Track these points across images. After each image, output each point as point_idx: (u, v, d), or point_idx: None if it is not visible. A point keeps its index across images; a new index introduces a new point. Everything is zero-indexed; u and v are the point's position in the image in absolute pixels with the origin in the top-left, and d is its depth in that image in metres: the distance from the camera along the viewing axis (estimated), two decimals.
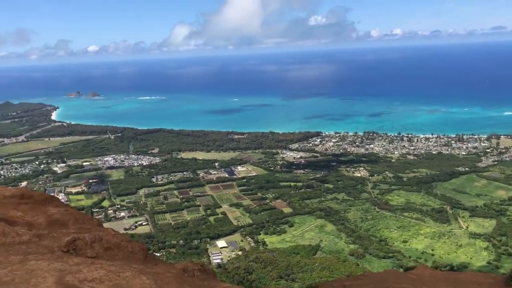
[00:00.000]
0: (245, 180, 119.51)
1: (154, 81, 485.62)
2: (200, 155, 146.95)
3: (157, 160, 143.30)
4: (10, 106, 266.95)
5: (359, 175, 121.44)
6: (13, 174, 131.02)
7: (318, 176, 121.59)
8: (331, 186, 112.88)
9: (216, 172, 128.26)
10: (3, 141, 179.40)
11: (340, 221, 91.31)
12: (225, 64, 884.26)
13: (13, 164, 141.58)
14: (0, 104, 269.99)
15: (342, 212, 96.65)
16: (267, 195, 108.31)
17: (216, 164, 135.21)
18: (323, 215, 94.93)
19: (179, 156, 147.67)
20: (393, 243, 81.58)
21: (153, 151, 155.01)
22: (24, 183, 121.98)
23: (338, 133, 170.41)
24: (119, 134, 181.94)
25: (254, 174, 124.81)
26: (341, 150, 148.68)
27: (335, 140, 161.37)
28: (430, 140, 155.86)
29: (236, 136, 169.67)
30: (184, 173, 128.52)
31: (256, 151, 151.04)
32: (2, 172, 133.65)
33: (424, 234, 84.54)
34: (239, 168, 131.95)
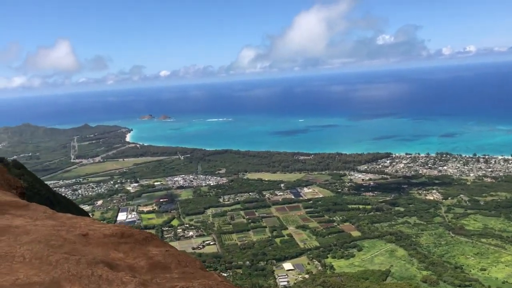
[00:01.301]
0: (311, 202, 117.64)
1: (221, 103, 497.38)
2: (266, 176, 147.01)
3: (224, 180, 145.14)
4: (88, 129, 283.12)
5: (431, 198, 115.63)
6: (90, 193, 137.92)
7: (388, 198, 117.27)
8: (402, 209, 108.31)
9: (282, 193, 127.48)
10: (82, 161, 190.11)
11: (412, 246, 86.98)
12: (291, 85, 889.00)
13: (90, 184, 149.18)
14: (79, 127, 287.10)
15: (414, 236, 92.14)
16: (334, 218, 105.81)
17: (282, 185, 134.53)
18: (393, 239, 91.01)
19: (245, 177, 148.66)
20: (470, 271, 76.12)
21: (220, 171, 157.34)
22: (100, 202, 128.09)
23: (409, 154, 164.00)
24: (188, 155, 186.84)
25: (320, 196, 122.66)
26: (412, 172, 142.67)
27: (405, 162, 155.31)
28: (510, 162, 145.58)
29: (302, 157, 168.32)
30: (250, 193, 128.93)
31: (323, 172, 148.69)
32: (80, 191, 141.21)
33: (505, 262, 78.19)
34: (305, 189, 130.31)
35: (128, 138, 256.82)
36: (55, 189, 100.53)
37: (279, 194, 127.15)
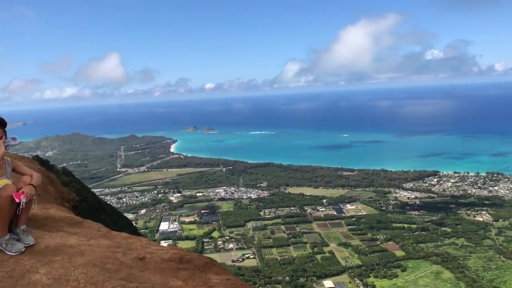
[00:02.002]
0: (354, 219, 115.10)
1: (264, 117, 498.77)
2: (308, 191, 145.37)
3: (265, 194, 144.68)
4: (135, 139, 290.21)
5: (481, 219, 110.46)
6: (134, 202, 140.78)
7: (434, 218, 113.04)
8: (449, 230, 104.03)
9: (323, 209, 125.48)
10: (127, 170, 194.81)
11: (459, 269, 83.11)
12: (335, 99, 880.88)
13: (135, 193, 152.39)
14: (126, 136, 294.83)
15: (461, 259, 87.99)
16: (378, 236, 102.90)
17: (324, 200, 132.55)
18: (439, 260, 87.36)
19: (286, 191, 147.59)
20: None
21: (262, 184, 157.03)
22: (143, 211, 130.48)
23: (458, 173, 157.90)
24: (230, 167, 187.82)
25: (364, 213, 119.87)
26: (460, 192, 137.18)
27: (454, 181, 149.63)
28: None
29: (345, 173, 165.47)
30: (291, 208, 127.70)
31: (367, 189, 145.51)
32: (124, 199, 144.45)
33: None
34: (348, 206, 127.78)
35: (173, 149, 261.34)
36: (101, 196, 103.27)
37: (321, 209, 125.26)
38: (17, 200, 5.19)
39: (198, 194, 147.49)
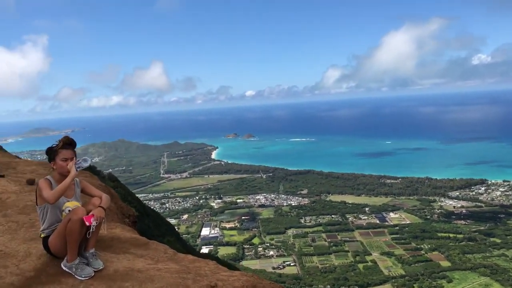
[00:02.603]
0: (397, 228, 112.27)
1: (305, 123, 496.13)
2: (350, 199, 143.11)
3: (305, 201, 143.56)
4: (177, 146, 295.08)
5: None
6: (176, 207, 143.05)
7: (482, 228, 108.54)
8: (498, 240, 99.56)
9: (366, 217, 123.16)
10: (170, 176, 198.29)
11: (510, 281, 79.28)
12: (378, 106, 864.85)
13: (177, 198, 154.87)
14: (169, 143, 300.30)
15: None
16: (422, 246, 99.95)
17: (366, 209, 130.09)
18: (488, 272, 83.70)
19: (327, 199, 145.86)
20: None
21: (302, 192, 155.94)
22: (185, 216, 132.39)
23: (507, 181, 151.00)
24: (271, 174, 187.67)
25: (408, 222, 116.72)
26: (510, 201, 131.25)
27: (503, 189, 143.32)
28: None
29: (388, 181, 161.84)
30: (333, 216, 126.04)
31: (411, 197, 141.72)
32: (167, 205, 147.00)
33: None
34: (391, 214, 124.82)
35: (214, 155, 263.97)
36: (145, 202, 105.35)
37: (363, 218, 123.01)
38: (87, 224, 5.14)
39: (238, 201, 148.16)
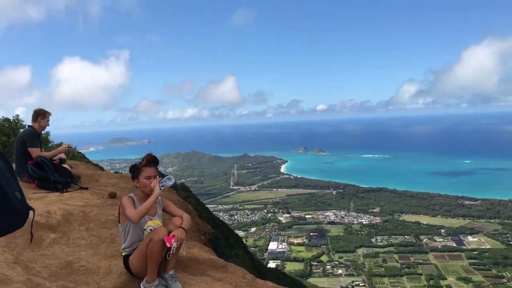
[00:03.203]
0: (476, 252, 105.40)
1: (378, 139, 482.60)
2: (424, 219, 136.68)
3: (377, 220, 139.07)
4: (247, 158, 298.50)
5: None
6: (245, 220, 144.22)
7: None
8: None
9: (441, 240, 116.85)
10: (239, 188, 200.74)
11: None
12: (456, 122, 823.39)
13: (245, 211, 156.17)
14: (239, 156, 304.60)
15: None
16: (504, 273, 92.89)
17: (442, 231, 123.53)
18: None
19: (400, 218, 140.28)
20: None
21: (374, 210, 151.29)
22: (253, 229, 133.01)
23: None
24: (341, 190, 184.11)
25: (488, 247, 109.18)
26: None
27: None
28: None
29: (466, 202, 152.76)
30: (406, 236, 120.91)
31: (491, 220, 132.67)
32: (236, 216, 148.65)
33: None
34: (470, 238, 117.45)
35: (283, 169, 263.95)
36: (214, 212, 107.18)
37: (438, 240, 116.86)
38: (168, 245, 5.07)
39: (307, 216, 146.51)
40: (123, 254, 5.60)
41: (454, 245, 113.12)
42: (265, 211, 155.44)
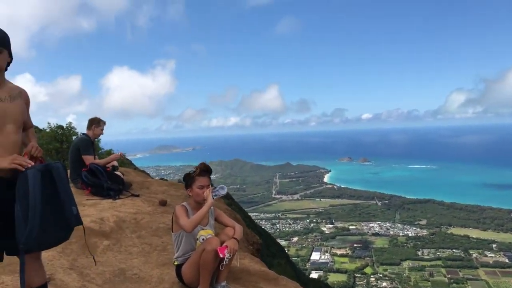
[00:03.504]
0: None
1: (425, 149, 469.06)
2: (474, 233, 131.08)
3: (424, 232, 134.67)
4: (289, 167, 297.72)
5: None
6: (287, 229, 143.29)
7: None
8: None
9: (493, 255, 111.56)
10: (281, 197, 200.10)
11: None
12: (510, 133, 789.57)
13: (288, 220, 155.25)
14: (281, 164, 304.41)
15: None
16: None
17: (494, 245, 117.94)
18: None
19: (448, 231, 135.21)
20: None
21: (420, 222, 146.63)
22: (295, 239, 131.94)
23: None
24: (386, 201, 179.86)
25: None
26: None
27: None
28: None
29: None
30: (454, 250, 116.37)
31: None
32: (278, 226, 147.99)
33: None
34: None
35: (326, 178, 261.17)
36: (256, 221, 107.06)
37: (489, 255, 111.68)
38: (221, 255, 5.01)
39: (351, 227, 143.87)
40: (175, 263, 5.56)
41: (507, 261, 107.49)
42: (308, 220, 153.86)
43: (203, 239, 5.34)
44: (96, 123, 10.59)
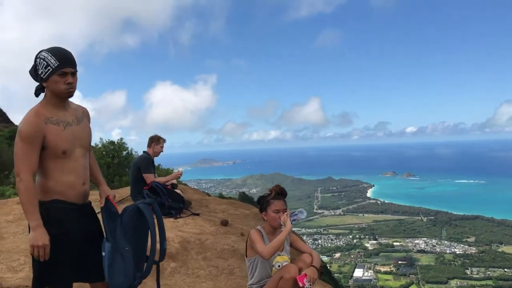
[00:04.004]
0: None
1: (473, 164, 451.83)
2: None
3: (472, 250, 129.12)
4: (331, 181, 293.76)
5: None
6: (329, 245, 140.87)
7: None
8: None
9: None
10: (323, 212, 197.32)
11: None
12: None
13: (330, 235, 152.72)
14: (323, 179, 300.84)
15: None
16: None
17: None
18: None
19: (499, 250, 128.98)
20: None
21: (469, 239, 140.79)
22: (337, 255, 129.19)
23: None
24: (432, 217, 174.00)
25: None
26: None
27: None
28: None
29: None
30: (505, 270, 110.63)
31: None
32: (320, 241, 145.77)
33: None
34: None
35: (369, 193, 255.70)
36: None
37: None
38: (300, 284, 4.70)
39: (395, 243, 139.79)
40: None
41: None
42: (351, 236, 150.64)
43: (279, 266, 5.10)
44: (156, 141, 10.55)
